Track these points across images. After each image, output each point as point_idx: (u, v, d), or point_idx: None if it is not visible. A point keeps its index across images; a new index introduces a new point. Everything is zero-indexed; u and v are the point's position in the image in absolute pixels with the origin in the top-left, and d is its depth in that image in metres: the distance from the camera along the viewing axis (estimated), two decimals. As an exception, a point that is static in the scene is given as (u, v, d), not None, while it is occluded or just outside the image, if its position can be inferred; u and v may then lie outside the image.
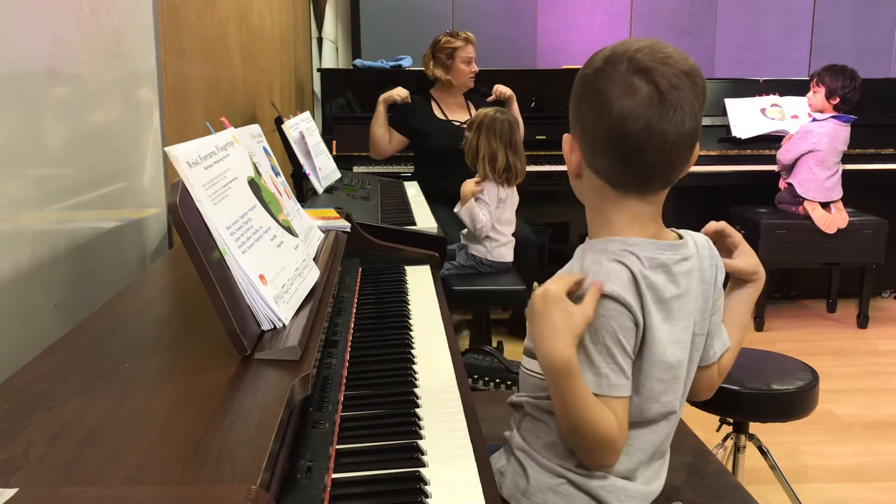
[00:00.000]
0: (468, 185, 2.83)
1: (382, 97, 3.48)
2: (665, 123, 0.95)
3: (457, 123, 3.49)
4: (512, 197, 2.83)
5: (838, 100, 3.67)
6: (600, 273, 0.98)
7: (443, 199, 3.21)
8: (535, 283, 3.17)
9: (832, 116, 3.67)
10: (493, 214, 2.77)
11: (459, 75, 3.48)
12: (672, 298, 1.01)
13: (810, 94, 3.75)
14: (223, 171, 1.04)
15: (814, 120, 3.73)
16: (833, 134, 3.64)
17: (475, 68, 3.49)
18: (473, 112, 3.55)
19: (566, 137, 1.06)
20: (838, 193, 3.71)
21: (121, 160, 1.46)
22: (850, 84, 3.64)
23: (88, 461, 0.69)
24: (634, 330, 0.98)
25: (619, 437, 0.99)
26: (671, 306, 1.01)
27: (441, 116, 3.52)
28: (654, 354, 1.00)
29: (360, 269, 1.70)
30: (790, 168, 3.76)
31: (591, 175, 1.03)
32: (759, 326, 3.82)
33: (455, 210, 2.83)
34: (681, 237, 1.07)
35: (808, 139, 3.66)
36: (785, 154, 3.76)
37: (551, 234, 3.90)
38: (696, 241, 1.07)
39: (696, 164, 1.01)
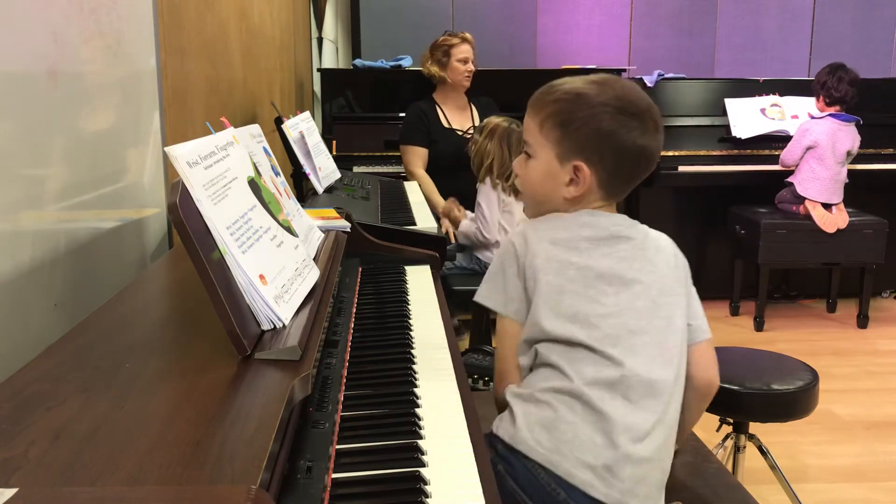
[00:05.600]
0: (446, 211, 2.98)
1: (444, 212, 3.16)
2: (653, 165, 1.26)
3: (459, 133, 3.51)
4: (517, 205, 2.84)
5: (825, 98, 3.68)
6: None
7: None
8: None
9: (830, 115, 3.68)
10: (491, 218, 2.78)
11: (454, 73, 3.50)
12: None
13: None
14: (223, 171, 1.04)
15: (811, 118, 3.74)
16: (831, 132, 3.64)
17: (471, 67, 3.50)
18: (475, 116, 3.57)
19: (543, 161, 1.26)
20: (838, 197, 3.71)
21: (121, 160, 1.46)
22: (835, 81, 3.65)
23: (88, 461, 0.69)
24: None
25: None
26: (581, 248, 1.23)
27: (445, 125, 3.52)
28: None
29: (360, 269, 1.70)
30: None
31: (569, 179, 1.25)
32: (759, 326, 3.82)
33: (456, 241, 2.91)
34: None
35: (807, 136, 3.68)
36: (788, 155, 3.76)
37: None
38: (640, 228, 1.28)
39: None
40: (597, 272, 1.20)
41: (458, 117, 3.57)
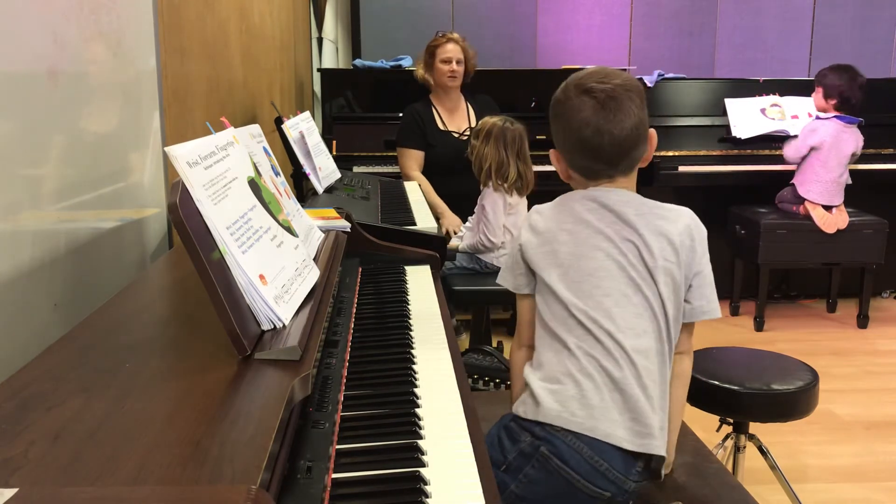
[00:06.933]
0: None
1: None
2: (609, 124, 1.29)
3: (456, 135, 3.49)
4: (522, 205, 2.84)
5: (835, 100, 3.67)
6: None
7: (445, 203, 3.24)
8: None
9: (835, 116, 3.66)
10: (495, 222, 2.78)
11: (437, 74, 3.47)
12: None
13: (814, 93, 3.76)
14: (223, 171, 1.04)
15: (817, 118, 3.73)
16: (835, 134, 3.63)
17: (454, 67, 3.43)
18: (472, 115, 3.55)
19: (553, 152, 1.40)
20: (839, 199, 3.71)
21: (121, 160, 1.46)
22: (849, 84, 3.64)
23: (88, 461, 0.69)
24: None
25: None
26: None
27: (442, 127, 3.50)
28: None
29: (360, 269, 1.70)
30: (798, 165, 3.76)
31: (574, 174, 1.39)
32: (759, 326, 3.82)
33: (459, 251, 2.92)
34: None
35: (813, 136, 3.66)
36: (792, 151, 3.74)
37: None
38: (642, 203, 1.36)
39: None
40: (588, 226, 1.32)
41: (454, 119, 3.55)
